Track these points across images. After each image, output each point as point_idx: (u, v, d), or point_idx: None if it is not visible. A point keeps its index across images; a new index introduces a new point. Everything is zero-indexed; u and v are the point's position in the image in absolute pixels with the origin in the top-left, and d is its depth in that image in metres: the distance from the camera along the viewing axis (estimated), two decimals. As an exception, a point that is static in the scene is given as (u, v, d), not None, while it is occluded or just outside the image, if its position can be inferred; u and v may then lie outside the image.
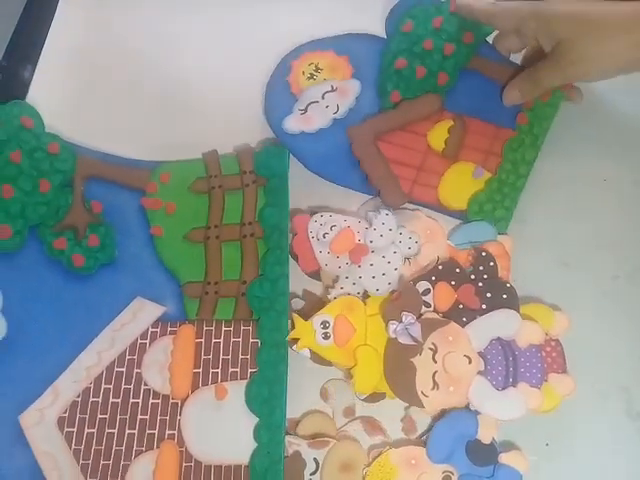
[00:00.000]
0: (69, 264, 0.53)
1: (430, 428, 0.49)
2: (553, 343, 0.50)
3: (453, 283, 0.51)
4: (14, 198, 0.53)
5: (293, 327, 0.50)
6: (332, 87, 0.58)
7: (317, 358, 0.50)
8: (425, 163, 0.57)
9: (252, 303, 0.51)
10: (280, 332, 0.50)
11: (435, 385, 0.48)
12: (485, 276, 0.52)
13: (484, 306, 0.51)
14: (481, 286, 0.51)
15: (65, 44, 0.64)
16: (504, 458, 0.47)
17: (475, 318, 0.50)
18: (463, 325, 0.50)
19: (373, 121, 0.57)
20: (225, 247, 0.54)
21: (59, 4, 0.66)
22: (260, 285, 0.52)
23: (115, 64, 0.63)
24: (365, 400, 0.50)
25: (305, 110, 0.57)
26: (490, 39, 0.61)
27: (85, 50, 0.64)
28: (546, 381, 0.49)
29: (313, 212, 0.55)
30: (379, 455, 0.48)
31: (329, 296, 0.52)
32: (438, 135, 0.57)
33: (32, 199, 0.54)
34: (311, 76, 0.58)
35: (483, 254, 0.53)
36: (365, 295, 0.52)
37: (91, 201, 0.55)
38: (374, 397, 0.50)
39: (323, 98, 0.57)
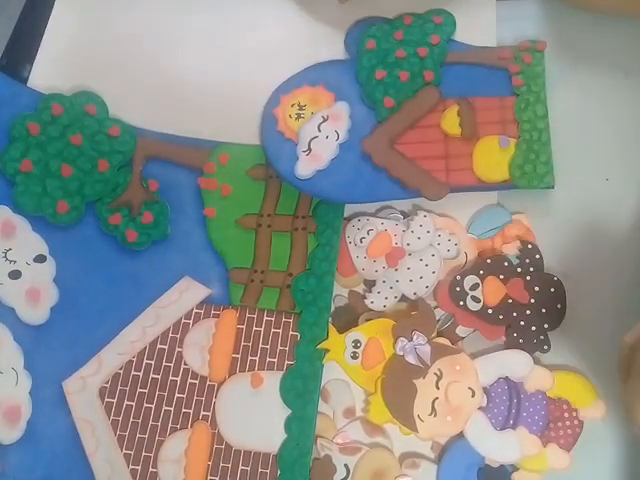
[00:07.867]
0: (122, 239, 0.54)
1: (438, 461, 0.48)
2: (576, 422, 0.48)
3: (502, 277, 0.51)
4: (72, 176, 0.54)
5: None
6: (323, 117, 0.56)
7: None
8: (449, 150, 0.55)
9: (296, 296, 0.52)
10: (320, 328, 0.51)
11: (433, 411, 0.48)
12: (532, 269, 0.51)
13: (533, 300, 0.50)
14: (529, 280, 0.51)
15: (62, 43, 0.62)
16: (516, 478, 0.47)
17: (525, 313, 0.50)
18: (512, 321, 0.49)
19: (383, 128, 0.56)
20: (275, 237, 0.54)
21: (56, 3, 0.64)
22: (306, 279, 0.52)
23: (113, 64, 0.62)
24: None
25: (309, 149, 0.55)
26: (458, 36, 0.60)
27: (82, 50, 0.62)
28: (545, 447, 0.47)
29: (350, 216, 0.54)
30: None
31: (366, 301, 0.52)
32: (450, 121, 0.56)
33: (90, 178, 0.55)
34: (298, 116, 0.56)
35: (529, 246, 0.52)
36: (403, 299, 0.52)
37: (148, 179, 0.56)
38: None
39: (320, 130, 0.55)
